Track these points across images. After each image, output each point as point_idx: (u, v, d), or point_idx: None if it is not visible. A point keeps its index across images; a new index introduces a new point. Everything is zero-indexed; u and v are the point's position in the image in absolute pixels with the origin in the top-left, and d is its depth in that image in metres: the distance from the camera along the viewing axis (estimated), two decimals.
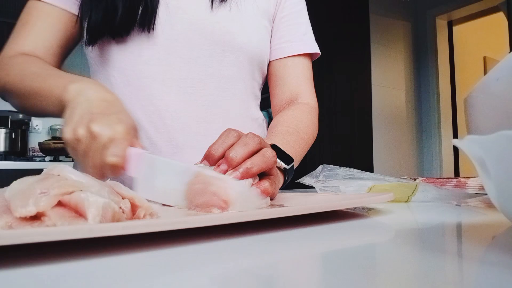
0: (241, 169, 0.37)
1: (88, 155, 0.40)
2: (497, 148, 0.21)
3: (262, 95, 0.79)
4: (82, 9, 0.62)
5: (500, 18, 3.12)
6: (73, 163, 0.71)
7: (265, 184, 0.38)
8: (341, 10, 2.50)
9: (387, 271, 0.20)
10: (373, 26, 2.82)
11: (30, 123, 2.74)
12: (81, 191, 0.25)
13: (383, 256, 0.24)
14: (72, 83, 0.47)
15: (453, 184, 0.68)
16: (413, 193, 0.52)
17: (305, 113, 0.70)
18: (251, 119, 0.72)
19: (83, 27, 0.62)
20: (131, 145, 0.40)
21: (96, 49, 0.64)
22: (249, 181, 0.38)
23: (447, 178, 0.71)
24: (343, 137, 2.44)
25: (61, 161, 2.43)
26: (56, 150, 2.40)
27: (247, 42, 0.67)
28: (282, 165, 0.50)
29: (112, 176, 0.39)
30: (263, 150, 0.40)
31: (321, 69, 2.28)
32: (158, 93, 0.63)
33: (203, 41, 0.64)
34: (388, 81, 2.97)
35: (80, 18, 0.63)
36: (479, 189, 0.64)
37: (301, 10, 0.76)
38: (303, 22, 0.76)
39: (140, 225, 0.24)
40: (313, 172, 0.62)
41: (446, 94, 3.22)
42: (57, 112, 0.48)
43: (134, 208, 0.28)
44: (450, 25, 3.32)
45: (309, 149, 0.69)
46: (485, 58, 3.88)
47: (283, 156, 0.50)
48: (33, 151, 2.72)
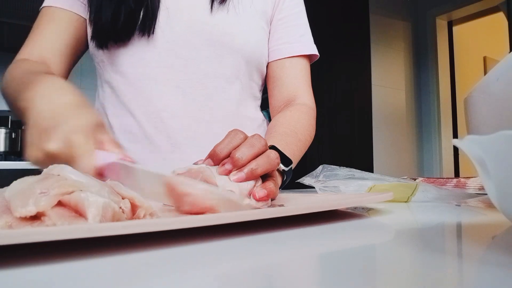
0: (246, 169, 0.37)
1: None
2: (497, 148, 0.21)
3: (262, 95, 0.79)
4: (91, 13, 0.63)
5: (500, 18, 3.13)
6: None
7: (270, 185, 0.38)
8: (341, 10, 2.50)
9: (387, 271, 0.20)
10: (373, 26, 2.82)
11: None
12: (81, 191, 0.25)
13: (383, 256, 0.24)
14: (26, 90, 0.43)
15: (453, 184, 0.68)
16: (413, 193, 0.52)
17: (303, 114, 0.70)
18: (249, 119, 0.73)
19: (93, 31, 0.63)
20: (98, 147, 0.37)
21: (100, 54, 0.66)
22: (251, 183, 0.38)
23: (447, 178, 0.71)
24: (343, 137, 2.44)
25: None
26: None
27: (245, 43, 0.68)
28: (281, 167, 0.50)
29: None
30: (267, 151, 0.40)
31: (321, 69, 2.28)
32: (157, 94, 0.64)
33: (202, 42, 0.65)
34: (388, 81, 2.97)
35: (90, 22, 0.64)
36: (479, 189, 0.64)
37: (299, 12, 0.76)
38: (302, 24, 0.76)
39: (140, 225, 0.24)
40: (313, 172, 0.62)
41: (446, 94, 3.22)
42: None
43: (134, 208, 0.28)
44: (450, 25, 3.32)
45: (306, 150, 0.69)
46: (485, 58, 3.88)
47: (282, 158, 0.51)
48: None
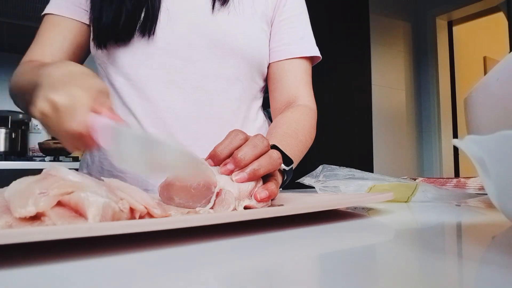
0: (248, 170, 0.37)
1: (56, 127, 0.39)
2: (497, 148, 0.21)
3: (264, 95, 0.79)
4: (92, 14, 0.64)
5: (500, 18, 3.12)
6: (74, 163, 0.72)
7: (271, 186, 0.38)
8: (341, 10, 2.50)
9: (387, 271, 0.20)
10: (373, 26, 2.81)
11: (30, 123, 2.74)
12: (81, 191, 0.25)
13: (383, 256, 0.24)
14: (43, 69, 0.45)
15: (453, 184, 0.68)
16: (413, 193, 0.52)
17: (303, 115, 0.70)
18: (250, 120, 0.73)
19: (94, 31, 0.64)
20: (98, 111, 0.38)
21: (102, 54, 0.66)
22: (251, 184, 0.37)
23: (447, 178, 0.71)
24: (343, 137, 2.44)
25: (61, 161, 2.42)
26: (56, 150, 2.40)
27: (245, 44, 0.68)
28: (282, 166, 0.50)
29: (85, 148, 0.39)
30: (269, 152, 0.40)
31: (321, 70, 2.27)
32: (159, 95, 0.64)
33: (202, 43, 0.65)
34: (388, 81, 2.97)
35: (91, 22, 0.64)
36: (479, 189, 0.64)
37: (300, 13, 0.76)
38: (303, 25, 0.76)
39: (140, 225, 0.24)
40: (313, 172, 0.62)
41: (446, 94, 3.22)
42: None
43: (132, 208, 0.28)
44: (450, 25, 3.32)
45: (307, 150, 0.69)
46: (485, 58, 3.88)
47: (283, 157, 0.51)
48: (33, 151, 2.72)
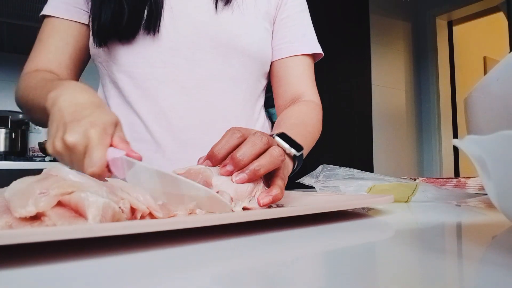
0: (248, 171, 0.36)
1: (73, 165, 0.41)
2: (497, 148, 0.21)
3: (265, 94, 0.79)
4: (91, 12, 0.63)
5: (500, 18, 3.12)
6: None
7: (275, 191, 0.37)
8: (341, 10, 2.50)
9: (387, 271, 0.20)
10: (373, 26, 2.81)
11: (30, 123, 2.74)
12: (81, 191, 0.25)
13: (383, 255, 0.24)
14: (50, 92, 0.46)
15: (453, 184, 0.68)
16: (413, 193, 0.52)
17: (310, 109, 0.71)
18: (254, 119, 0.73)
19: (93, 30, 0.63)
20: (112, 144, 0.40)
21: (103, 53, 0.66)
22: (250, 186, 0.37)
23: (447, 178, 0.71)
24: (343, 137, 2.44)
25: None
26: None
27: (249, 43, 0.68)
28: (292, 152, 0.50)
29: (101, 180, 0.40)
30: (270, 149, 0.38)
31: (321, 69, 2.27)
32: (163, 94, 0.64)
33: (206, 43, 0.65)
34: (388, 81, 2.97)
35: (91, 21, 0.64)
36: (479, 189, 0.64)
37: (302, 11, 0.77)
38: (304, 23, 0.77)
39: (140, 225, 0.24)
40: (313, 172, 0.62)
41: (446, 94, 3.22)
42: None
43: (133, 208, 0.28)
44: (450, 25, 3.32)
45: (314, 143, 0.70)
46: (485, 58, 3.88)
47: (292, 144, 0.51)
48: (33, 151, 2.72)
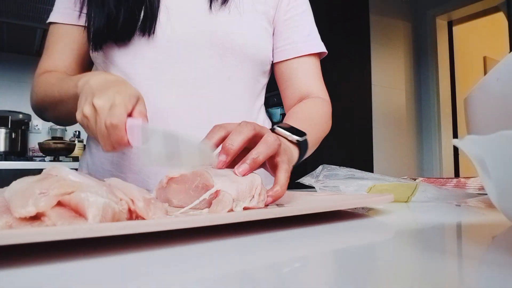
0: (248, 160, 0.37)
1: (96, 128, 0.45)
2: (497, 148, 0.21)
3: (266, 94, 0.79)
4: (87, 17, 0.64)
5: (500, 18, 3.12)
6: (74, 163, 0.72)
7: (276, 191, 0.38)
8: (341, 10, 2.50)
9: (387, 271, 0.20)
10: (373, 26, 2.81)
11: (30, 123, 2.74)
12: (81, 191, 0.25)
13: (383, 256, 0.24)
14: (79, 79, 0.52)
15: (453, 184, 0.68)
16: (413, 193, 0.52)
17: (318, 104, 0.71)
18: (253, 118, 0.73)
19: (89, 34, 0.64)
20: (131, 114, 0.44)
21: (101, 55, 0.66)
22: (249, 186, 0.36)
23: (447, 178, 0.71)
24: (343, 137, 2.44)
25: (61, 161, 2.42)
26: (56, 150, 2.40)
27: (246, 43, 0.68)
28: (294, 137, 0.52)
29: (119, 146, 0.44)
30: (265, 136, 0.40)
31: (321, 69, 2.28)
32: (159, 95, 0.64)
33: (203, 43, 0.65)
34: (388, 81, 2.97)
35: (86, 25, 0.64)
36: (479, 189, 0.64)
37: (304, 11, 0.77)
38: (307, 22, 0.77)
39: (140, 225, 0.24)
40: (313, 172, 0.62)
41: (446, 94, 3.22)
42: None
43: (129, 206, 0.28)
44: (450, 25, 3.32)
45: (323, 135, 0.70)
46: (485, 58, 3.88)
47: (293, 131, 0.53)
48: (33, 151, 2.72)
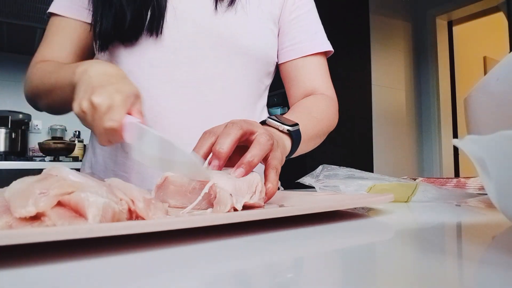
0: (243, 164, 0.38)
1: (93, 124, 0.45)
2: (497, 148, 0.21)
3: (268, 93, 0.79)
4: (94, 17, 0.64)
5: (500, 18, 3.12)
6: (74, 163, 0.72)
7: (268, 188, 0.39)
8: (341, 10, 2.50)
9: (387, 271, 0.20)
10: (373, 26, 2.81)
11: (30, 123, 2.74)
12: (81, 191, 0.25)
13: (383, 256, 0.24)
14: (78, 67, 0.51)
15: (453, 184, 0.68)
16: (413, 193, 0.52)
17: (319, 100, 0.71)
18: (256, 118, 0.73)
19: (95, 34, 0.64)
20: (130, 112, 0.44)
21: (106, 54, 0.66)
22: (245, 184, 0.37)
23: (447, 178, 0.71)
24: (343, 137, 2.44)
25: (61, 161, 2.42)
26: (56, 150, 2.40)
27: (252, 44, 0.68)
28: (285, 128, 0.53)
29: (115, 142, 0.44)
30: (257, 137, 0.40)
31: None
32: (164, 93, 0.64)
33: (209, 43, 0.65)
34: (388, 81, 2.97)
35: (92, 25, 0.64)
36: (479, 189, 0.64)
37: (310, 10, 0.77)
38: (313, 21, 0.77)
39: (140, 225, 0.24)
40: (313, 172, 0.62)
41: (446, 94, 3.22)
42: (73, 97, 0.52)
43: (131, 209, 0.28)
44: (450, 25, 3.32)
45: (326, 130, 0.69)
46: (485, 58, 3.88)
47: (285, 122, 0.53)
48: (33, 151, 2.72)
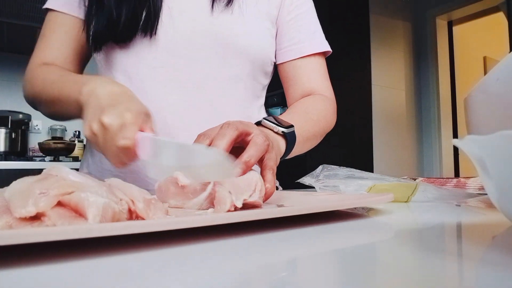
0: (240, 164, 0.38)
1: (105, 146, 0.44)
2: (497, 148, 0.21)
3: (266, 94, 0.79)
4: (87, 17, 0.63)
5: (500, 18, 3.12)
6: (74, 163, 0.72)
7: (266, 188, 0.39)
8: (341, 10, 2.50)
9: (387, 271, 0.20)
10: (373, 26, 2.81)
11: (30, 123, 2.74)
12: (81, 191, 0.25)
13: (383, 256, 0.24)
14: (84, 85, 0.50)
15: (453, 184, 0.68)
16: (413, 193, 0.52)
17: (317, 100, 0.71)
18: (253, 119, 0.73)
19: (89, 35, 0.63)
20: (141, 130, 0.43)
21: (101, 53, 0.66)
22: (245, 183, 0.37)
23: (447, 178, 0.71)
24: (343, 137, 2.44)
25: (61, 161, 2.42)
26: (56, 150, 2.40)
27: (249, 44, 0.67)
28: (280, 129, 0.53)
29: (129, 162, 0.44)
30: (254, 138, 0.41)
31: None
32: (160, 94, 0.64)
33: (205, 43, 0.65)
34: (388, 81, 2.97)
35: (86, 26, 0.64)
36: (479, 189, 0.64)
37: (308, 10, 0.77)
38: (311, 21, 0.76)
39: (140, 225, 0.24)
40: (313, 172, 0.62)
41: (446, 94, 3.22)
42: (78, 114, 0.51)
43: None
44: (450, 25, 3.32)
45: (324, 131, 0.69)
46: (485, 58, 3.88)
47: (280, 124, 0.54)
48: (33, 151, 2.72)
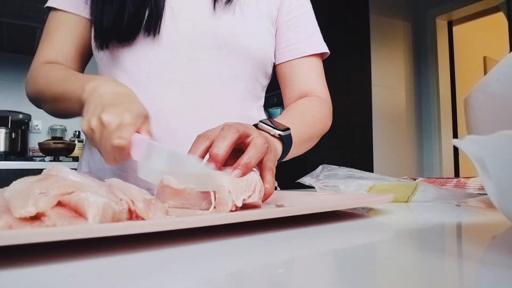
0: (240, 166, 0.38)
1: (101, 142, 0.45)
2: (497, 148, 0.21)
3: (265, 94, 0.79)
4: (92, 16, 0.64)
5: (500, 18, 3.12)
6: (74, 163, 0.73)
7: (265, 188, 0.39)
8: (341, 10, 2.50)
9: (387, 271, 0.20)
10: (373, 26, 2.81)
11: (30, 123, 2.74)
12: (81, 191, 0.25)
13: (383, 256, 0.24)
14: (88, 83, 0.51)
15: (453, 184, 0.68)
16: (413, 193, 0.52)
17: (313, 102, 0.71)
18: (252, 120, 0.73)
19: (96, 32, 0.64)
20: (138, 131, 0.44)
21: (103, 53, 0.66)
22: (244, 183, 0.37)
23: (447, 178, 0.71)
24: (343, 137, 2.44)
25: (61, 161, 2.42)
26: (56, 150, 2.40)
27: (250, 44, 0.68)
28: (276, 132, 0.53)
29: (121, 160, 0.44)
30: (253, 140, 0.40)
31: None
32: (161, 93, 0.64)
33: (206, 43, 0.65)
34: (388, 81, 2.97)
35: (93, 23, 0.64)
36: (479, 189, 0.64)
37: (307, 11, 0.77)
38: (310, 23, 0.77)
39: (140, 225, 0.24)
40: (313, 172, 0.62)
41: (446, 94, 3.22)
42: (80, 111, 0.52)
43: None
44: (450, 25, 3.32)
45: (320, 132, 0.69)
46: (485, 58, 3.88)
47: (276, 126, 0.54)
48: (33, 151, 2.72)
